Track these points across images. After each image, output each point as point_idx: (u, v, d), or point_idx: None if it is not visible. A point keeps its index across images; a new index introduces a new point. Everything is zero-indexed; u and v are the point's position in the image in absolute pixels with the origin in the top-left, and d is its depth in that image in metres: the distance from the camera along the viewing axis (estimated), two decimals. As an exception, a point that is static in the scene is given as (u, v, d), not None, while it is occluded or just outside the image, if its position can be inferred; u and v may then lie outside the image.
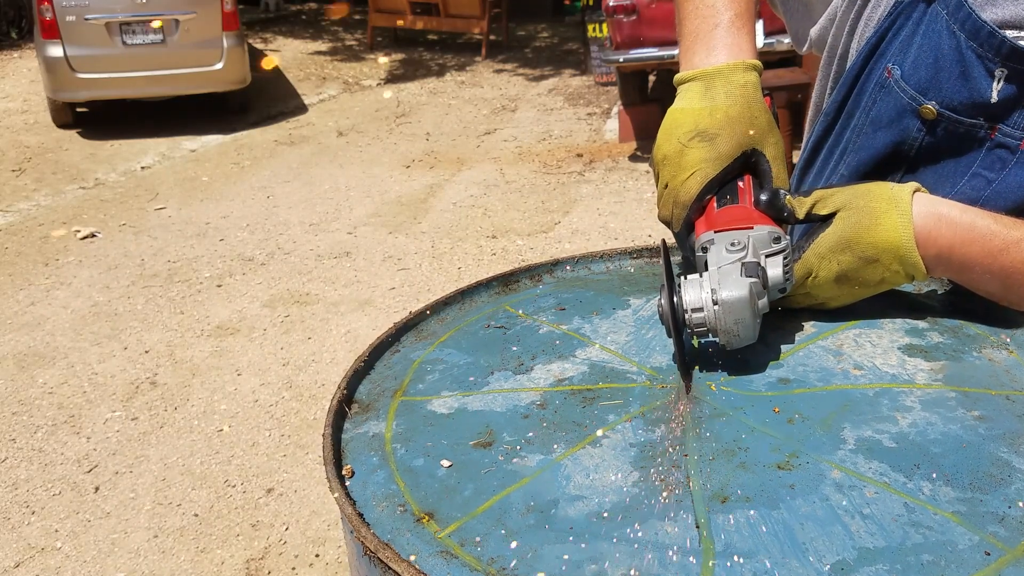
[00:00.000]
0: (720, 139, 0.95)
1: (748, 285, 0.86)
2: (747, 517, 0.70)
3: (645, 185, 6.17)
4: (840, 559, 0.66)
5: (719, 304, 0.86)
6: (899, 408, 0.83)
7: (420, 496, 0.77)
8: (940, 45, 0.97)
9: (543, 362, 0.97)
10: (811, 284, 0.95)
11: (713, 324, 0.87)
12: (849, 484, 0.73)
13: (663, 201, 0.99)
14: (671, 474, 0.76)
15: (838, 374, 0.90)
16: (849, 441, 0.79)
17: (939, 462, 0.76)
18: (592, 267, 1.23)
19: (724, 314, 0.86)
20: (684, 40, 1.05)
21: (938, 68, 0.98)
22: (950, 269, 0.94)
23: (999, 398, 0.85)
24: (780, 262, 0.90)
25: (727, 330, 0.87)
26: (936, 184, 1.01)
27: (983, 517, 0.69)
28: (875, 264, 0.92)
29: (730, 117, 0.96)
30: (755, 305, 0.86)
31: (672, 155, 0.97)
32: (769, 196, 0.95)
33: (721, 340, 0.88)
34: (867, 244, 0.91)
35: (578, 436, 0.83)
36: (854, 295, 0.97)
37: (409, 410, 0.91)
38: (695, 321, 0.87)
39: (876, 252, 0.91)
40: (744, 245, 0.89)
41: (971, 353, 0.93)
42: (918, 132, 1.01)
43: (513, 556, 0.69)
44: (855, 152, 1.08)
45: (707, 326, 0.87)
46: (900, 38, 1.01)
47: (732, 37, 1.01)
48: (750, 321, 0.87)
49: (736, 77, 0.98)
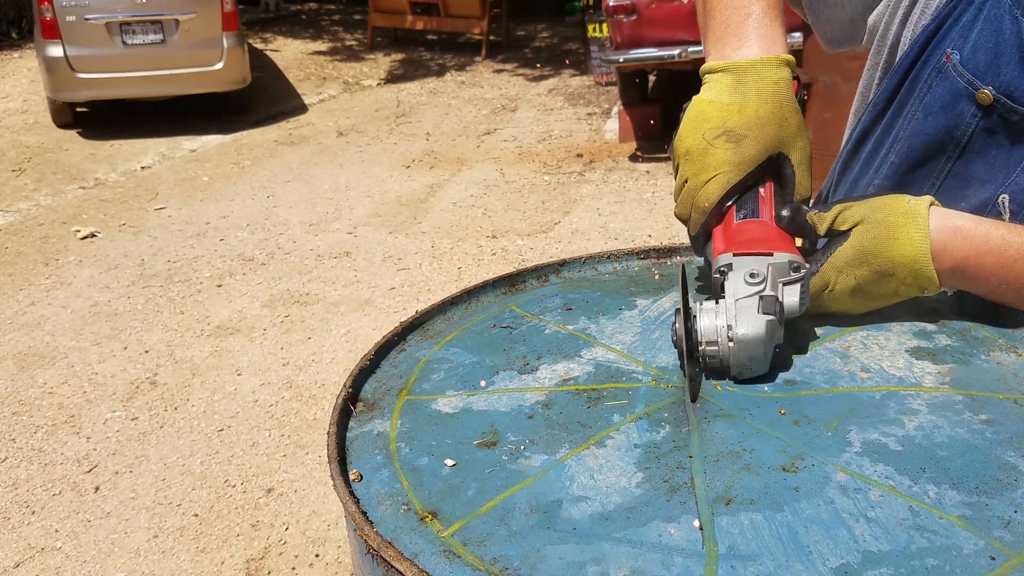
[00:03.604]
0: (747, 142, 0.93)
1: (765, 323, 0.85)
2: (751, 519, 0.70)
3: (645, 185, 6.17)
4: (844, 562, 0.65)
5: (734, 341, 0.86)
6: (906, 411, 0.83)
7: (424, 495, 0.77)
8: (1001, 30, 0.96)
9: (548, 362, 0.96)
10: (826, 296, 0.94)
11: (726, 359, 0.87)
12: (854, 487, 0.73)
13: (682, 199, 0.97)
14: (675, 475, 0.76)
15: (845, 376, 0.89)
16: (855, 444, 0.78)
17: (945, 466, 0.75)
18: (599, 268, 1.22)
19: (739, 351, 0.86)
20: (713, 30, 1.00)
21: (998, 53, 0.96)
22: (965, 281, 0.93)
23: (1007, 402, 0.84)
24: (797, 291, 0.89)
25: (739, 365, 0.87)
26: (987, 174, 0.99)
27: (989, 521, 0.69)
28: (890, 278, 0.92)
29: (759, 117, 0.93)
30: (770, 342, 0.87)
31: (696, 152, 0.94)
32: (791, 213, 0.93)
33: (733, 373, 0.89)
34: (884, 258, 0.90)
35: (582, 436, 0.82)
36: (865, 307, 0.97)
37: (414, 409, 0.90)
38: (709, 353, 0.87)
39: (892, 266, 0.91)
40: (763, 277, 0.88)
41: (979, 356, 0.93)
42: (972, 118, 0.99)
43: (516, 556, 0.68)
44: (905, 139, 1.05)
45: (719, 359, 0.87)
46: (961, 23, 0.99)
47: (765, 28, 0.97)
48: (763, 357, 0.87)
49: (769, 73, 0.94)
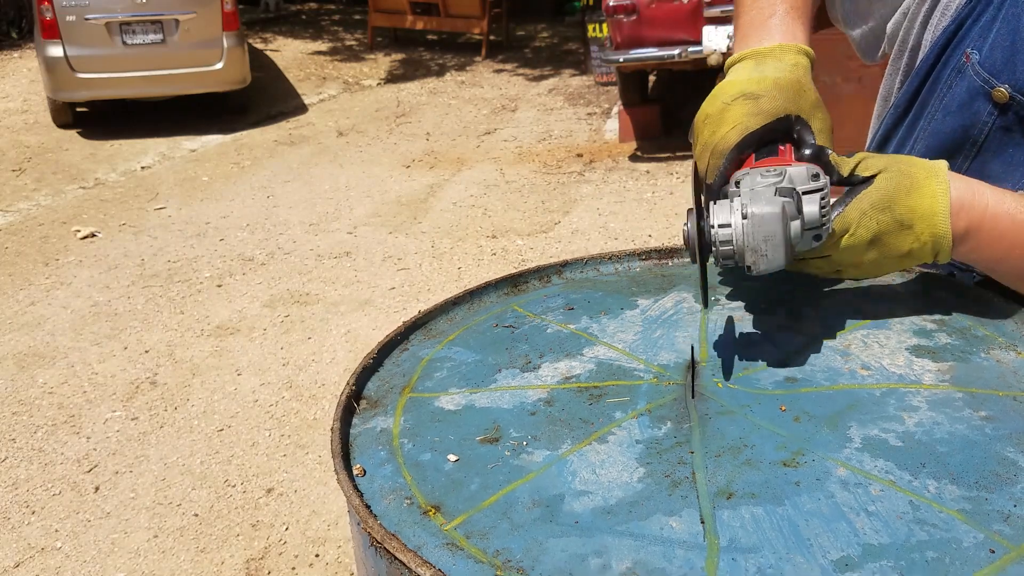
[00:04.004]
0: (764, 99, 0.93)
1: (781, 203, 0.81)
2: (752, 513, 0.71)
3: (645, 185, 6.18)
4: (844, 555, 0.66)
5: (748, 218, 0.81)
6: (906, 408, 0.84)
7: (427, 489, 0.77)
8: (1018, 28, 0.97)
9: (551, 360, 0.97)
10: (846, 242, 0.91)
11: (740, 242, 0.82)
12: (854, 482, 0.74)
13: (699, 154, 0.97)
14: (676, 470, 0.77)
15: (845, 374, 0.90)
16: (855, 439, 0.79)
17: (945, 461, 0.76)
18: (601, 268, 1.23)
19: (753, 228, 0.81)
20: (740, 30, 1.06)
21: (1014, 51, 0.97)
22: (978, 244, 0.92)
23: (1006, 399, 0.85)
24: (817, 200, 0.85)
25: (755, 248, 0.81)
26: (1004, 173, 1.00)
27: (988, 515, 0.70)
28: (908, 231, 0.91)
29: (778, 82, 0.95)
30: (787, 226, 0.81)
31: (714, 114, 0.95)
32: (814, 151, 0.92)
33: (748, 260, 0.82)
34: (906, 207, 0.90)
35: (584, 432, 0.83)
36: (878, 268, 0.95)
37: (417, 406, 0.91)
38: (721, 238, 0.82)
39: (912, 218, 0.90)
40: (780, 173, 0.85)
41: (979, 354, 0.93)
42: (988, 116, 1.00)
43: (518, 549, 0.69)
44: (924, 139, 1.07)
45: (734, 245, 0.82)
46: (980, 23, 1.01)
47: (787, 26, 1.03)
48: (780, 240, 0.81)
49: (787, 57, 0.98)
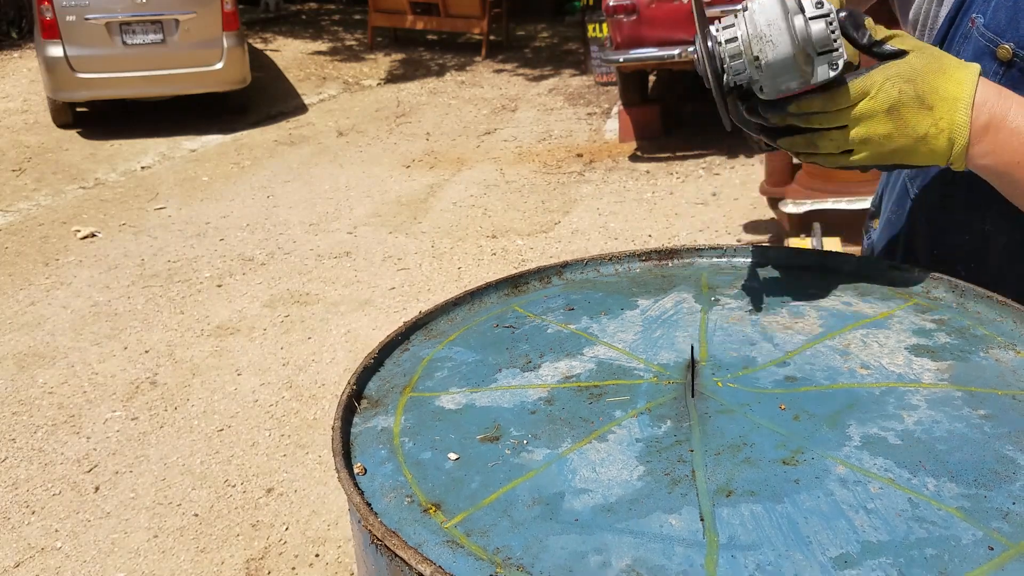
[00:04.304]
0: None
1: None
2: (751, 510, 0.71)
3: (645, 185, 6.18)
4: (843, 552, 0.66)
5: (748, 9, 0.83)
6: (905, 406, 0.84)
7: (427, 488, 0.78)
8: None
9: (551, 360, 0.97)
10: (865, 104, 0.90)
11: (745, 35, 0.83)
12: (854, 479, 0.74)
13: None
14: (676, 468, 0.77)
15: (845, 373, 0.90)
16: (854, 438, 0.79)
17: (944, 459, 0.76)
18: (601, 269, 1.23)
19: (754, 16, 0.82)
20: None
21: (1016, 10, 1.00)
22: (996, 147, 0.91)
23: (1005, 398, 0.85)
24: (824, 22, 0.85)
25: (759, 35, 0.82)
26: None
27: (987, 513, 0.70)
28: (928, 112, 0.90)
29: None
30: (789, 15, 0.82)
31: None
32: (849, 12, 0.90)
33: (754, 50, 0.83)
34: (930, 86, 0.90)
35: (584, 431, 0.83)
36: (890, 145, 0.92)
37: (418, 405, 0.91)
38: (726, 37, 0.84)
39: (935, 98, 0.90)
40: None
41: (978, 353, 0.94)
42: (993, 76, 1.01)
43: (518, 546, 0.69)
44: None
45: (739, 42, 0.83)
46: None
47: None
48: (783, 25, 0.82)
49: None
